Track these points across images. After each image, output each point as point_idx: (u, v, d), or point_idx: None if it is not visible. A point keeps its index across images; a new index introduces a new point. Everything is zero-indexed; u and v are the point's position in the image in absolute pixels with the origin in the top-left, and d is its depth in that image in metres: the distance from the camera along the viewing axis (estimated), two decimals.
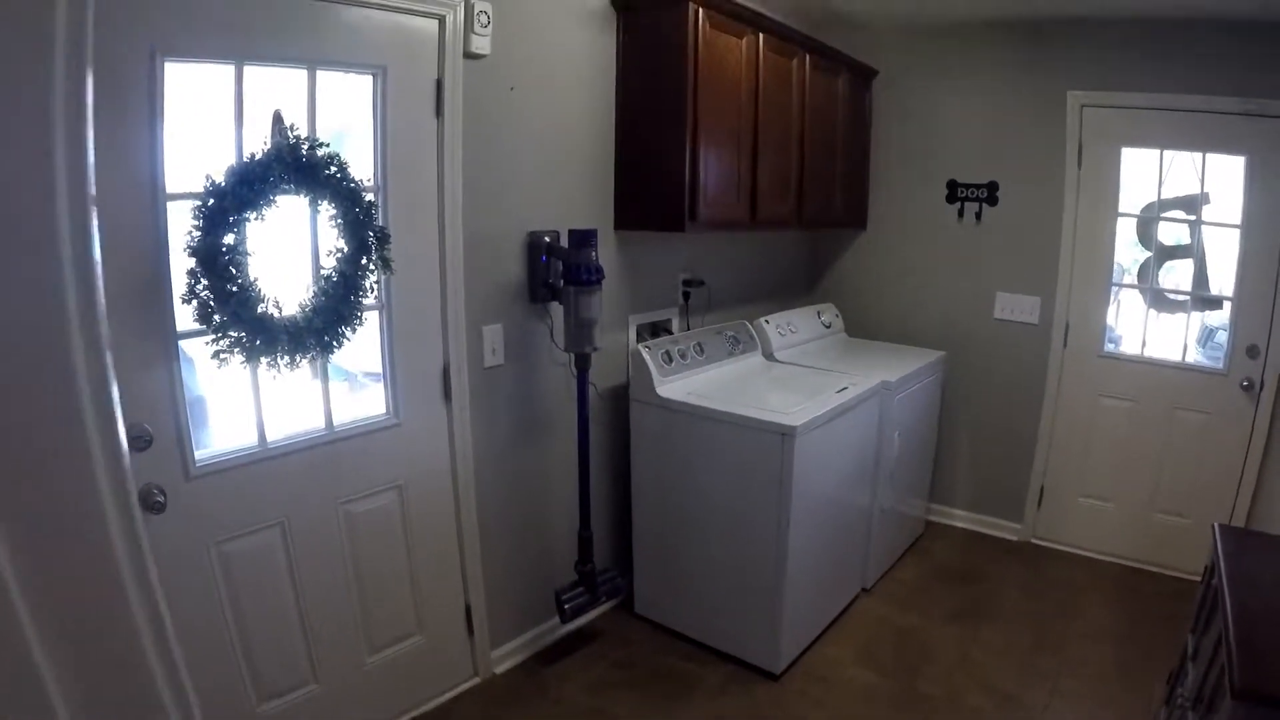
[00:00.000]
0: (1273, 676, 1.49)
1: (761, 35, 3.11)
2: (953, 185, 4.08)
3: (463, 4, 2.36)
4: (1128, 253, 3.86)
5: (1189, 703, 1.92)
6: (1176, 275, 3.79)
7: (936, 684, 2.90)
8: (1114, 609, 3.49)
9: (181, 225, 1.77)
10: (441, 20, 2.33)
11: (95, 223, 1.59)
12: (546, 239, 2.73)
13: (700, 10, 2.77)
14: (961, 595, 3.58)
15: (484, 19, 2.41)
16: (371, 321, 2.30)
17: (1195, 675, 1.99)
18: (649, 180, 2.96)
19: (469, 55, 2.42)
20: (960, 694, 2.84)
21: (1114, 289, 3.84)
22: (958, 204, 4.07)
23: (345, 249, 2.04)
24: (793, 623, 2.90)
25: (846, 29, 4.05)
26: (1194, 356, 3.76)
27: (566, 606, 2.83)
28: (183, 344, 1.89)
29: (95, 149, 1.58)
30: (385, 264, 2.12)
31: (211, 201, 1.74)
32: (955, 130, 4.04)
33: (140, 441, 1.80)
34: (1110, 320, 3.87)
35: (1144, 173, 3.71)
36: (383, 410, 2.42)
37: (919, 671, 2.98)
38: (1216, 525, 2.19)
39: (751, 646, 2.93)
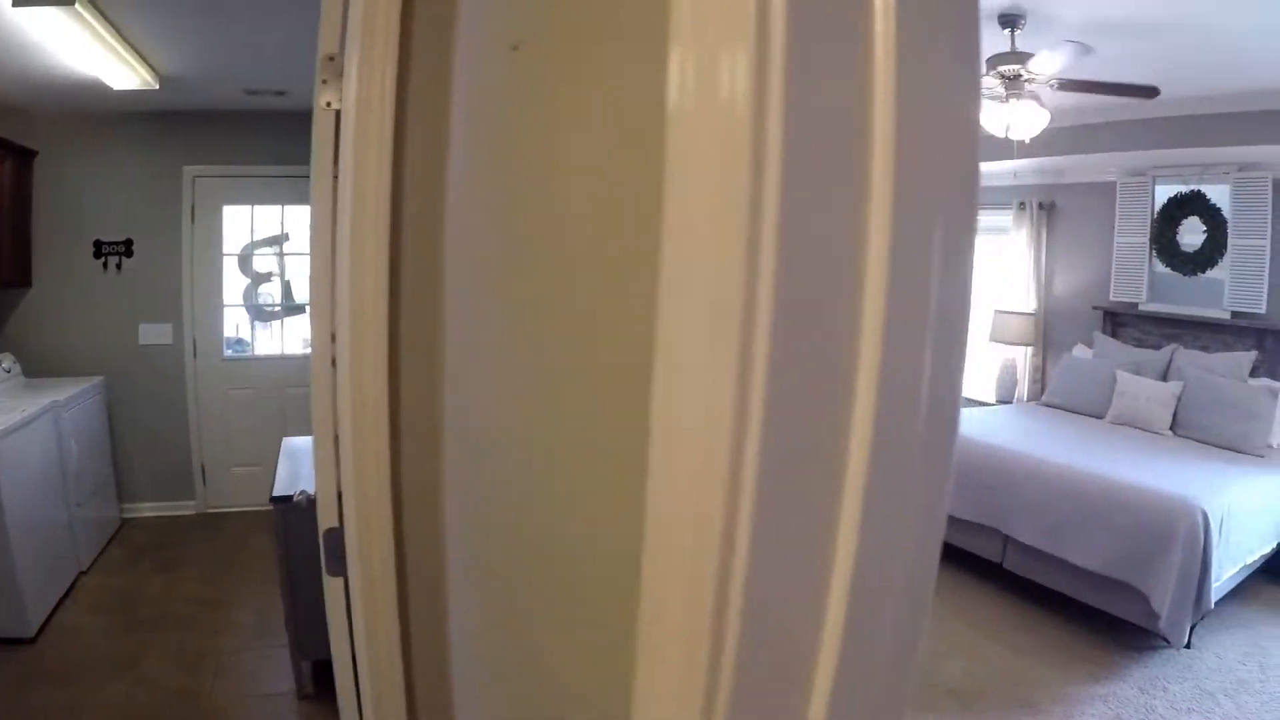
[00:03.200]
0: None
1: None
2: (98, 243, 5.04)
3: None
4: (235, 281, 5.27)
5: None
6: (271, 293, 5.29)
7: (154, 609, 3.94)
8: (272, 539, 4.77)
9: None
10: None
11: None
12: None
13: None
14: (161, 557, 4.61)
15: None
16: None
17: None
18: None
19: None
20: (175, 609, 3.94)
21: (225, 309, 5.25)
22: (103, 258, 5.06)
23: None
24: (32, 597, 3.57)
25: (11, 115, 4.65)
26: (289, 349, 5.36)
27: None
28: None
29: None
30: None
31: None
32: (100, 198, 5.00)
33: None
34: (229, 332, 5.23)
35: (241, 222, 5.24)
36: None
37: (137, 607, 3.95)
38: (283, 438, 3.78)
39: (5, 622, 3.50)
